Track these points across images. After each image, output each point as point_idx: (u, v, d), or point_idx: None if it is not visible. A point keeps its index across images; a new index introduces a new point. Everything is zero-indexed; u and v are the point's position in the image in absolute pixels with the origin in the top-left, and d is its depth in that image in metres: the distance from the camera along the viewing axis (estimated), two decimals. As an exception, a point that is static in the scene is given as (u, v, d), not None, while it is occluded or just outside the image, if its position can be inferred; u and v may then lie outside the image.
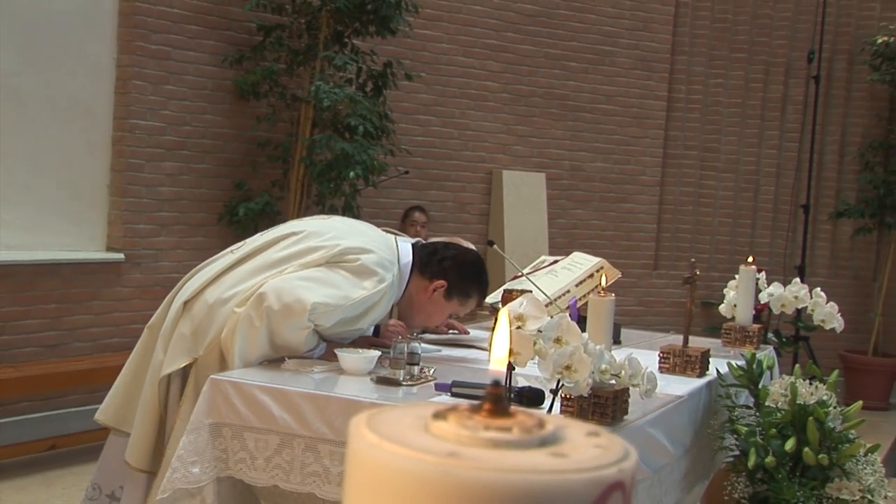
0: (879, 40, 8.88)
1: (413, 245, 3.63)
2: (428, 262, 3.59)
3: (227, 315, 3.25)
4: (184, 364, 3.31)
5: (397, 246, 3.56)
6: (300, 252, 3.37)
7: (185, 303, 3.38)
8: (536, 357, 2.54)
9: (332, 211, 6.89)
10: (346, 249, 3.33)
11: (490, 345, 2.46)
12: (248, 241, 3.64)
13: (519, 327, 2.45)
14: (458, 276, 3.58)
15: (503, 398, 0.74)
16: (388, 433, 0.70)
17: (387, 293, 3.39)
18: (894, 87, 8.93)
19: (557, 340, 2.49)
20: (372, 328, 3.67)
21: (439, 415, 0.73)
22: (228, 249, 3.63)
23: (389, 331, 3.59)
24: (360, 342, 3.54)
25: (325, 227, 3.52)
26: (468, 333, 4.21)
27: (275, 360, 3.22)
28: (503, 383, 0.76)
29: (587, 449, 0.71)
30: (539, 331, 2.51)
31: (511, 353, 2.46)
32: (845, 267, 9.28)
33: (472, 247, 4.02)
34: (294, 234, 3.49)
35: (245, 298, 3.25)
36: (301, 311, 3.13)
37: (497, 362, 0.84)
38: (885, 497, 3.54)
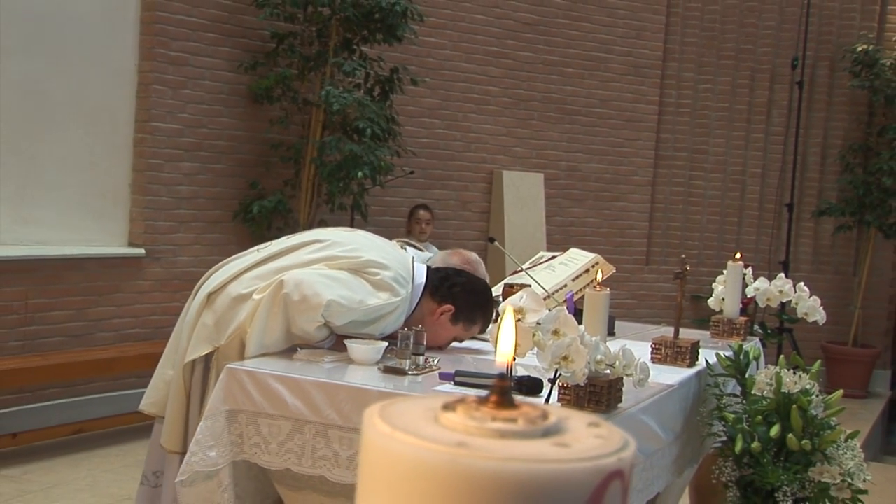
0: (859, 48, 8.88)
1: (428, 267, 3.63)
2: (439, 286, 3.57)
3: (248, 308, 3.26)
4: (205, 352, 3.31)
5: (413, 266, 3.55)
6: (324, 258, 3.37)
7: (209, 294, 3.38)
8: (535, 348, 2.55)
9: (341, 209, 6.91)
10: (369, 262, 3.33)
11: (492, 337, 2.46)
12: (274, 242, 3.65)
13: (519, 320, 2.45)
14: (466, 302, 3.55)
15: (509, 391, 0.74)
16: (399, 424, 0.70)
17: (399, 307, 3.37)
18: (873, 93, 8.91)
19: (555, 332, 2.49)
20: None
21: (448, 406, 0.73)
22: (255, 248, 3.65)
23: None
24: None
25: (349, 239, 3.52)
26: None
27: (288, 350, 3.22)
28: (508, 377, 0.76)
29: (588, 439, 0.71)
30: (538, 323, 2.51)
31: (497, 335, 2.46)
32: (827, 263, 9.27)
33: (485, 275, 4.03)
34: (319, 241, 3.49)
35: (265, 289, 3.26)
36: (316, 306, 3.13)
37: (502, 356, 0.84)
38: (864, 480, 3.54)
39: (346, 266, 3.33)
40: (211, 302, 3.37)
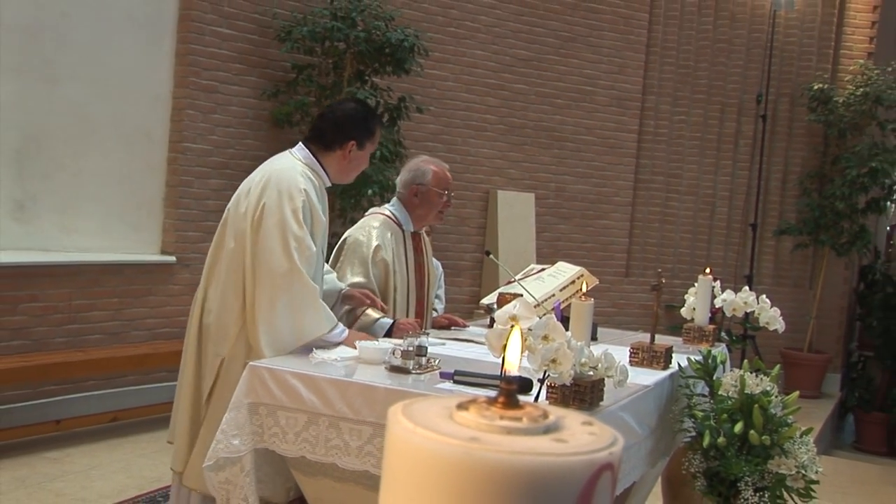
0: (816, 87, 8.93)
1: (302, 142, 3.60)
2: (325, 139, 3.55)
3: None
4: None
5: (296, 157, 3.54)
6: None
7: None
8: (527, 351, 2.55)
9: (353, 223, 6.91)
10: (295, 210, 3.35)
11: (487, 340, 2.45)
12: None
13: (513, 326, 2.46)
14: (356, 127, 3.54)
15: (515, 394, 0.75)
16: (420, 420, 0.72)
17: (312, 192, 3.38)
18: (828, 126, 8.95)
19: (545, 338, 2.49)
20: (387, 326, 3.70)
21: (462, 406, 0.74)
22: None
23: (401, 328, 3.63)
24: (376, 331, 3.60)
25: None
26: (468, 326, 4.23)
27: (304, 350, 3.23)
28: (514, 382, 0.78)
29: (583, 436, 0.73)
30: (530, 329, 2.52)
31: (506, 348, 2.46)
32: (786, 277, 9.28)
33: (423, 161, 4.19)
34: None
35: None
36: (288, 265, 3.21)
37: (510, 365, 0.86)
38: (816, 472, 3.54)
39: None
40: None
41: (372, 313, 3.77)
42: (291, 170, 3.42)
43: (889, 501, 6.50)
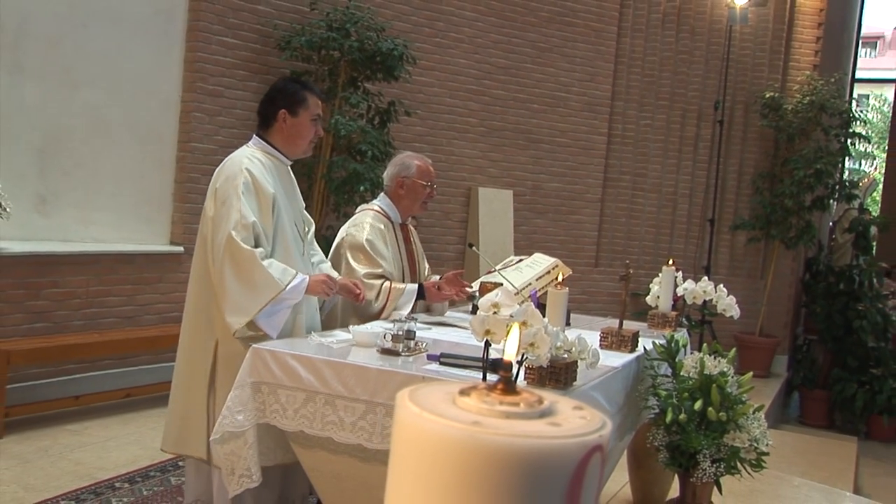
0: (767, 95, 8.97)
1: (255, 137, 3.57)
2: (263, 118, 3.53)
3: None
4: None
5: (248, 146, 3.54)
6: None
7: None
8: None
9: (346, 217, 6.90)
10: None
11: (471, 325, 2.44)
12: None
13: (495, 313, 2.45)
14: (282, 98, 3.48)
15: (513, 381, 0.75)
16: (426, 405, 0.72)
17: (256, 170, 3.35)
18: (778, 131, 9.00)
19: (524, 323, 2.49)
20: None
21: (464, 392, 0.74)
22: None
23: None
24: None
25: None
26: (472, 287, 4.16)
27: (303, 336, 3.21)
28: (512, 371, 0.77)
29: (574, 419, 0.73)
30: (511, 315, 2.52)
31: (488, 332, 2.46)
32: (740, 267, 9.33)
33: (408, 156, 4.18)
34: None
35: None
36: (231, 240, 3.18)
37: (508, 356, 0.85)
38: (766, 445, 3.57)
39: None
40: None
41: (397, 285, 3.81)
42: (238, 156, 3.42)
43: (829, 469, 6.56)
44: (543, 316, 2.67)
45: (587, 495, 0.70)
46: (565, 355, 2.70)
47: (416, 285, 3.84)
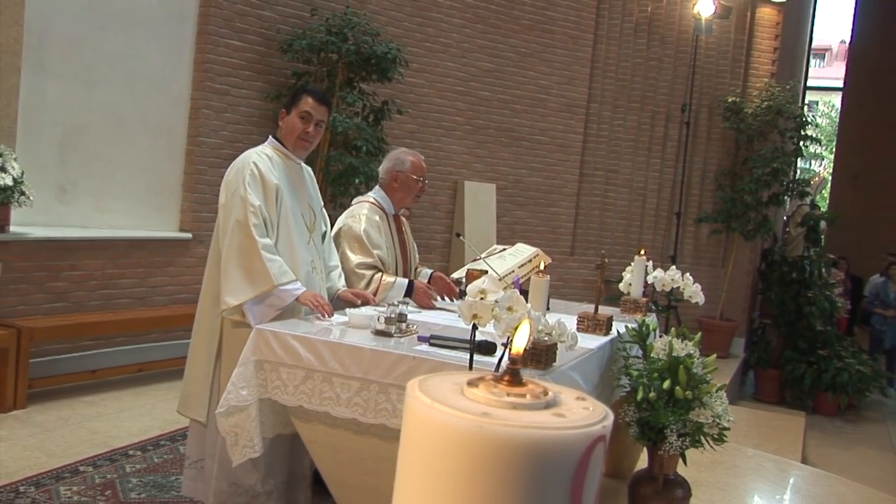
0: (729, 100, 8.99)
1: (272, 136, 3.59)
2: (277, 121, 3.60)
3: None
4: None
5: (262, 145, 3.53)
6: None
7: None
8: (493, 320, 2.52)
9: (342, 207, 6.85)
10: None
11: (459, 309, 2.39)
12: None
13: (482, 298, 2.42)
14: (287, 101, 3.59)
15: (519, 373, 0.71)
16: (436, 396, 0.69)
17: (262, 163, 3.34)
18: (739, 133, 9.01)
19: (509, 308, 2.46)
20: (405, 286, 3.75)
21: (472, 383, 0.72)
22: None
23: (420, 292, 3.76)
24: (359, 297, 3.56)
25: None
26: (460, 277, 4.11)
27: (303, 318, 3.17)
28: (519, 364, 0.73)
29: (578, 410, 0.70)
30: (496, 301, 2.48)
31: (475, 316, 2.43)
32: (703, 257, 9.34)
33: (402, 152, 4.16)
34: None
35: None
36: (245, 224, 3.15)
37: (516, 350, 0.81)
38: (728, 421, 3.56)
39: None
40: None
41: (387, 279, 3.74)
42: (249, 153, 3.43)
43: (779, 441, 6.59)
44: (526, 301, 2.63)
45: (590, 484, 0.68)
46: (546, 338, 2.67)
47: (405, 280, 3.78)
